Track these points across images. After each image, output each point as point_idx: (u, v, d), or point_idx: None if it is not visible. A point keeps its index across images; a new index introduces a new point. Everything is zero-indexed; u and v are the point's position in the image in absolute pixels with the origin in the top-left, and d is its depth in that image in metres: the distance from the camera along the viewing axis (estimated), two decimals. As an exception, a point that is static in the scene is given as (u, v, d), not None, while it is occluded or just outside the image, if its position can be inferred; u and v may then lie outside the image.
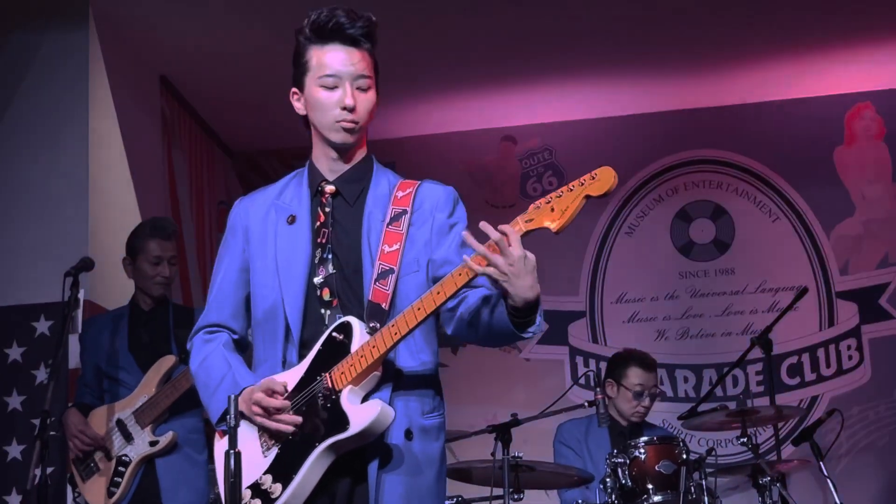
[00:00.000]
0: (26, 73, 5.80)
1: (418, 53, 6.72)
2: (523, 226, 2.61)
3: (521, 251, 2.58)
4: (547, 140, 7.97)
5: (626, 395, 5.47)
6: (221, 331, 2.97)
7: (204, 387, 2.91)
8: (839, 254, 7.63)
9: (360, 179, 2.92)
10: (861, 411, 7.37)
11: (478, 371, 7.47)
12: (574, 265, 7.73)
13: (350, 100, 2.83)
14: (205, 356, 2.93)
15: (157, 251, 4.87)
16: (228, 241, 3.00)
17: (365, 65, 2.86)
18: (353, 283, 2.83)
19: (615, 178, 2.57)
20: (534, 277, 2.61)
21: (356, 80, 2.85)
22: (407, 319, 2.66)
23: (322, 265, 2.85)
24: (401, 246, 2.81)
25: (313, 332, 2.80)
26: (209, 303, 3.00)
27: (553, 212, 2.59)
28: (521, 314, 2.66)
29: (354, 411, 2.67)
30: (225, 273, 2.98)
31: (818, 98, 7.70)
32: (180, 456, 4.72)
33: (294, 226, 2.89)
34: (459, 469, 5.12)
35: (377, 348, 2.68)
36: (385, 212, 2.86)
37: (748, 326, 7.52)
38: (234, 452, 2.57)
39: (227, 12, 6.11)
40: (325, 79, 2.85)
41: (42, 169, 5.68)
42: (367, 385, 2.72)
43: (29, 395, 5.38)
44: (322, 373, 2.73)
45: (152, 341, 4.85)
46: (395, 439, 2.73)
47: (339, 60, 2.85)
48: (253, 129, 7.59)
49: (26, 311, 5.46)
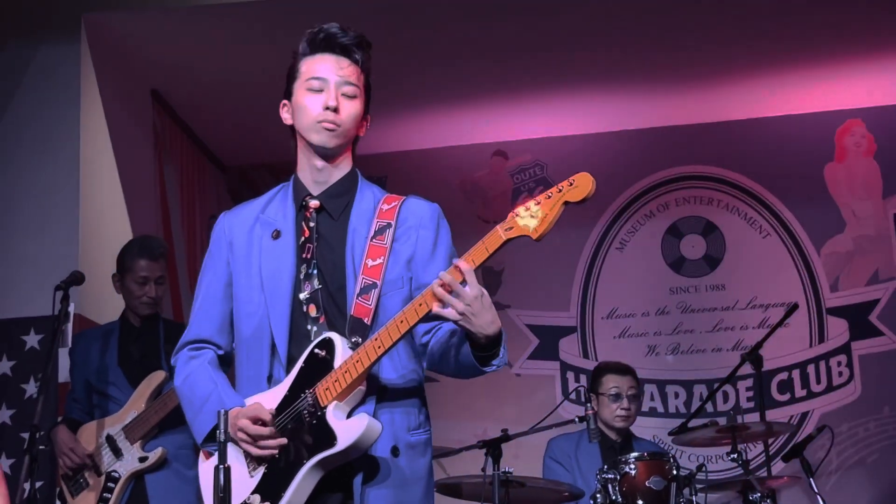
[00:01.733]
0: (18, 86, 5.80)
1: (410, 68, 6.73)
2: (503, 234, 2.62)
3: (478, 290, 2.59)
4: (538, 155, 7.98)
5: (604, 402, 5.51)
6: (206, 347, 2.95)
7: (188, 404, 2.90)
8: (829, 270, 7.65)
9: (344, 194, 2.92)
10: (851, 428, 7.37)
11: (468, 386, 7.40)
12: (565, 280, 7.72)
13: (333, 100, 2.84)
14: (189, 373, 2.92)
15: (143, 271, 4.86)
16: (213, 255, 2.99)
17: (353, 74, 2.88)
18: (337, 298, 2.82)
19: (593, 184, 2.57)
20: (493, 314, 2.63)
21: (342, 86, 2.86)
22: (390, 332, 2.66)
23: (308, 281, 2.84)
24: (384, 260, 2.81)
25: (300, 348, 2.80)
26: (193, 318, 2.99)
27: (533, 219, 2.59)
28: (485, 349, 2.67)
29: (341, 427, 2.67)
30: (209, 287, 2.97)
31: (809, 115, 7.73)
32: (170, 472, 4.71)
33: (279, 241, 2.89)
34: (449, 484, 5.11)
35: (361, 362, 2.67)
36: (369, 226, 2.86)
37: (739, 342, 7.52)
38: (223, 467, 2.55)
39: (218, 27, 6.12)
40: (311, 81, 2.87)
41: (33, 183, 5.67)
42: (353, 400, 2.72)
43: (18, 409, 5.36)
44: (306, 389, 2.72)
45: (142, 357, 4.84)
46: (381, 454, 2.73)
47: (326, 66, 2.87)
48: (244, 143, 7.59)
49: (16, 324, 5.44)
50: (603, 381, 5.57)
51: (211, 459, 2.83)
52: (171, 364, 4.55)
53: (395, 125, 7.53)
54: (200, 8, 5.92)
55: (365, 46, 2.90)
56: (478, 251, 2.63)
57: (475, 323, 2.60)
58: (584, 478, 5.33)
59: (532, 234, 2.60)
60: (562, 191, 2.59)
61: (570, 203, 2.58)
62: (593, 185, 2.57)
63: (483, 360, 2.69)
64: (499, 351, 2.69)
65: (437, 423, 2.91)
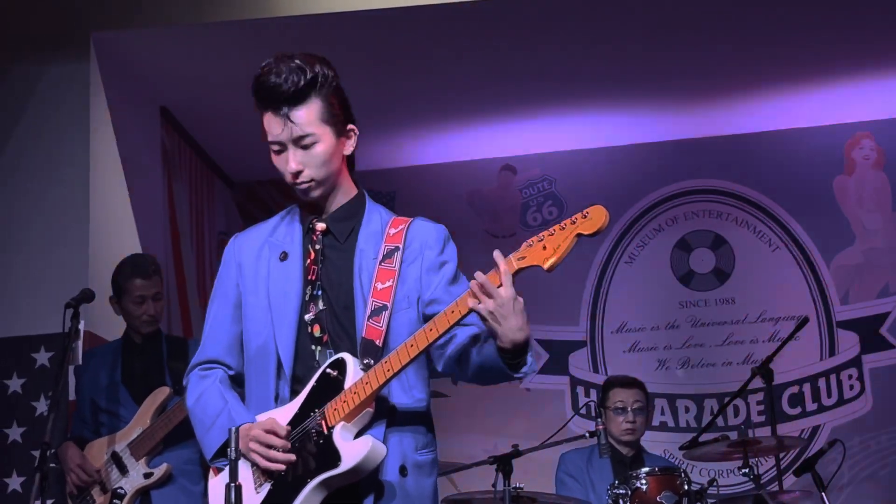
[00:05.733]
0: (27, 104, 5.82)
1: (417, 83, 6.74)
2: (515, 264, 2.62)
3: (511, 292, 2.59)
4: (547, 170, 7.98)
5: (611, 417, 5.50)
6: (217, 367, 2.96)
7: (200, 423, 2.90)
8: (839, 283, 7.63)
9: (350, 217, 2.92)
10: (862, 441, 7.34)
11: (478, 401, 7.44)
12: (574, 295, 7.72)
13: (293, 165, 2.83)
14: (200, 392, 2.92)
15: (139, 290, 4.86)
16: (223, 278, 3.01)
17: (305, 121, 2.82)
18: (343, 320, 2.83)
19: (606, 218, 2.58)
20: (523, 319, 2.61)
21: (297, 142, 2.84)
22: (400, 356, 2.67)
23: (313, 302, 2.85)
24: (394, 283, 2.81)
25: (304, 367, 2.81)
26: (204, 339, 3.01)
27: (545, 250, 2.60)
28: (510, 355, 2.66)
29: (346, 447, 2.67)
30: (218, 309, 3.00)
31: (818, 128, 7.72)
32: (175, 487, 4.70)
33: (286, 262, 2.90)
34: (460, 500, 5.09)
35: (370, 385, 2.68)
36: (377, 249, 2.87)
37: (749, 356, 7.50)
38: (234, 485, 2.55)
39: (226, 43, 6.13)
40: (271, 145, 2.88)
41: (43, 200, 5.68)
42: (360, 421, 2.72)
43: (29, 426, 5.36)
44: (315, 409, 2.73)
45: (146, 373, 4.85)
46: (389, 475, 2.73)
47: (275, 128, 2.85)
48: (253, 159, 7.55)
49: (27, 342, 5.45)
50: (610, 395, 5.57)
51: (220, 476, 2.83)
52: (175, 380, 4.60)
53: (404, 141, 7.54)
54: (208, 25, 5.94)
55: (307, 71, 2.83)
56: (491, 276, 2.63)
57: (504, 325, 2.59)
58: (595, 493, 5.32)
59: (544, 265, 2.59)
60: (575, 223, 2.59)
61: (582, 235, 2.58)
62: (606, 218, 2.57)
63: (511, 366, 2.68)
64: (526, 359, 2.68)
65: (446, 438, 2.92)
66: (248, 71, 2.98)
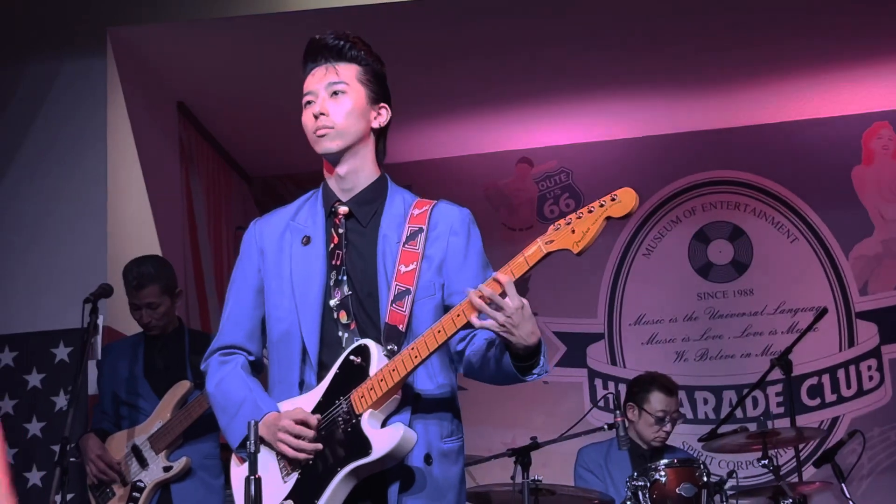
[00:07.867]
0: (45, 101, 5.84)
1: (433, 76, 6.73)
2: (544, 247, 2.60)
3: (518, 301, 2.60)
4: (564, 162, 7.97)
5: (647, 420, 5.39)
6: (237, 352, 2.94)
7: (222, 410, 2.89)
8: (858, 274, 7.60)
9: (373, 201, 2.90)
10: (882, 432, 7.32)
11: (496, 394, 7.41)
12: (592, 287, 7.71)
13: (317, 108, 2.85)
14: (221, 378, 2.90)
15: (132, 299, 4.89)
16: (243, 262, 2.99)
17: (342, 72, 2.88)
18: (367, 305, 2.82)
19: (636, 200, 2.57)
20: (533, 324, 2.62)
21: (328, 88, 2.86)
22: (427, 342, 2.65)
23: (337, 287, 2.83)
24: (417, 265, 2.80)
25: (331, 354, 2.79)
26: (223, 324, 2.98)
27: (574, 234, 2.59)
28: (524, 359, 2.66)
29: (376, 435, 2.66)
30: (238, 294, 2.97)
31: (836, 118, 7.69)
32: (195, 481, 4.72)
33: (309, 247, 2.88)
34: (479, 493, 5.10)
35: (397, 371, 2.66)
36: (400, 232, 2.85)
37: (768, 347, 7.49)
38: (254, 478, 2.55)
39: (243, 39, 6.14)
40: (305, 97, 2.90)
41: (61, 196, 5.70)
42: (388, 408, 2.71)
43: (48, 421, 5.38)
44: (340, 396, 2.71)
45: (167, 367, 4.86)
46: (415, 463, 2.72)
47: (314, 79, 2.90)
48: (270, 154, 7.61)
49: (46, 337, 5.47)
50: (650, 399, 5.40)
51: (244, 465, 2.83)
52: (196, 374, 4.61)
53: (420, 134, 7.54)
54: (225, 20, 5.94)
55: (355, 42, 2.91)
56: (517, 264, 2.63)
57: (516, 334, 2.60)
58: (615, 485, 5.31)
59: (573, 249, 2.59)
60: (604, 206, 2.58)
61: (612, 218, 2.57)
62: (636, 201, 2.57)
63: (523, 370, 2.68)
64: (539, 360, 2.68)
65: (465, 431, 2.91)
66: (265, 66, 3.00)
